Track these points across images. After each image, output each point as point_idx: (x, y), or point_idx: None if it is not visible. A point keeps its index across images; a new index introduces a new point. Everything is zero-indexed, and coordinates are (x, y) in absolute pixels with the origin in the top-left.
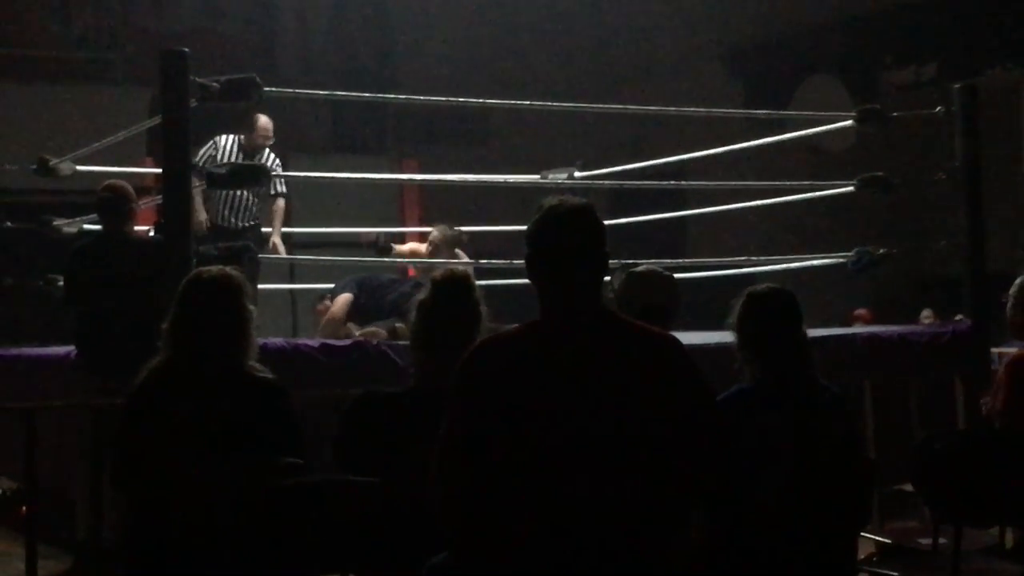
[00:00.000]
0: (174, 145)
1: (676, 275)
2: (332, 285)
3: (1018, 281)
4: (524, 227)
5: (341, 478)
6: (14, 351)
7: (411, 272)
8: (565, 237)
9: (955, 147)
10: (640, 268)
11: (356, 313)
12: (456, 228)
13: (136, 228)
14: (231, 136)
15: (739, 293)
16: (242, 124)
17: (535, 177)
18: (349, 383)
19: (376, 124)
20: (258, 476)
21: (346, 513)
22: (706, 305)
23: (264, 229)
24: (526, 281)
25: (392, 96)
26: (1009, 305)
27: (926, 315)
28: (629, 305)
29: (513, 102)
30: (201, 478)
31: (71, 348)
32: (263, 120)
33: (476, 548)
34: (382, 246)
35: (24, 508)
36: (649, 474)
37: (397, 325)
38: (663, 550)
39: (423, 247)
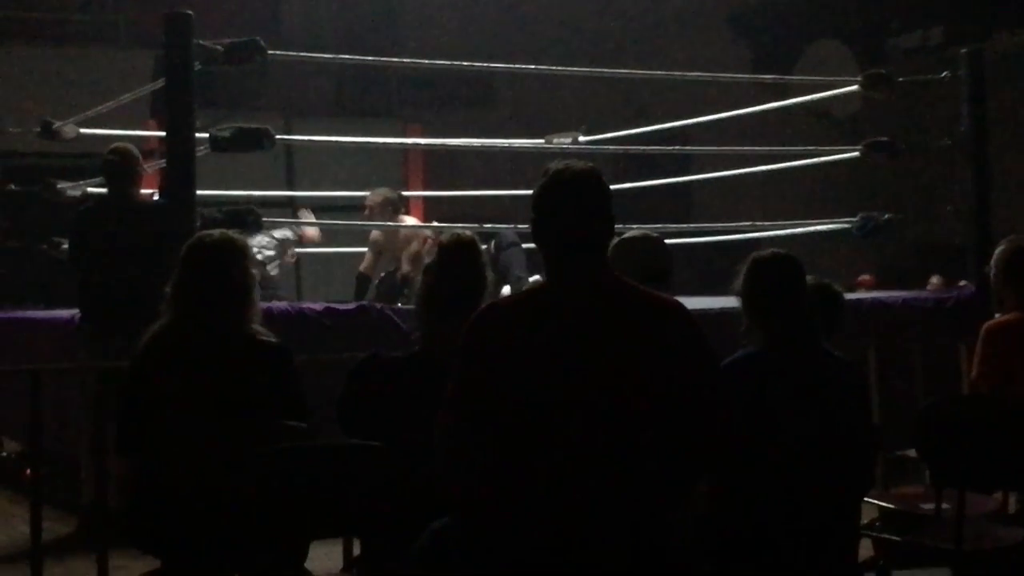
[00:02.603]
0: (178, 108)
1: (681, 240)
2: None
3: (998, 251)
4: (529, 191)
5: (345, 442)
6: (19, 313)
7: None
8: (571, 202)
9: (961, 112)
10: (632, 233)
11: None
12: (395, 191)
13: (141, 191)
14: None
15: (744, 258)
16: None
17: (540, 142)
18: (353, 347)
19: (380, 88)
20: (262, 439)
21: (349, 477)
22: (711, 270)
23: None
24: (531, 246)
25: (397, 60)
26: (992, 275)
27: (935, 281)
28: (623, 271)
29: (518, 66)
30: (204, 441)
31: (75, 311)
32: None
33: (479, 512)
34: None
35: (28, 470)
36: (654, 438)
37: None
38: (667, 514)
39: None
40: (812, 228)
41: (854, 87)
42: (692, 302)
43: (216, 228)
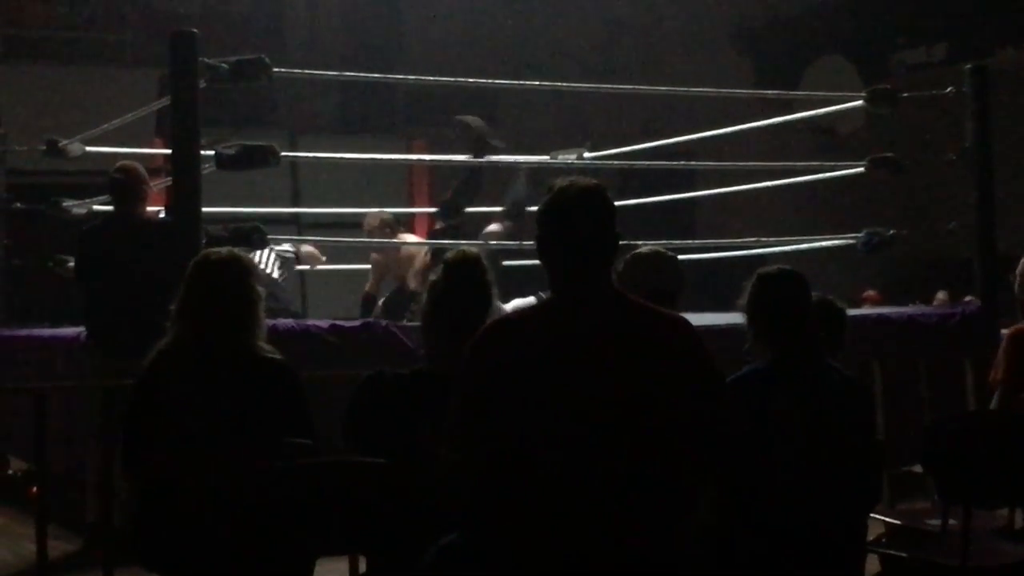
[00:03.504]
0: (183, 126)
1: (685, 256)
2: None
3: (1023, 261)
4: (534, 208)
5: (350, 459)
6: (25, 332)
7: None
8: (575, 218)
9: (966, 128)
10: (643, 250)
11: None
12: (390, 214)
13: (147, 209)
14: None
15: (749, 274)
16: None
17: (544, 158)
18: (359, 364)
19: (385, 104)
20: (267, 456)
21: (355, 494)
22: (716, 286)
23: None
24: (536, 262)
25: (401, 76)
26: (1016, 285)
27: (941, 297)
28: (633, 288)
29: (522, 82)
30: (210, 458)
31: (81, 329)
32: None
33: (486, 528)
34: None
35: (34, 489)
36: (659, 454)
37: None
38: (673, 529)
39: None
40: (817, 244)
41: (858, 103)
42: (697, 318)
43: (222, 245)
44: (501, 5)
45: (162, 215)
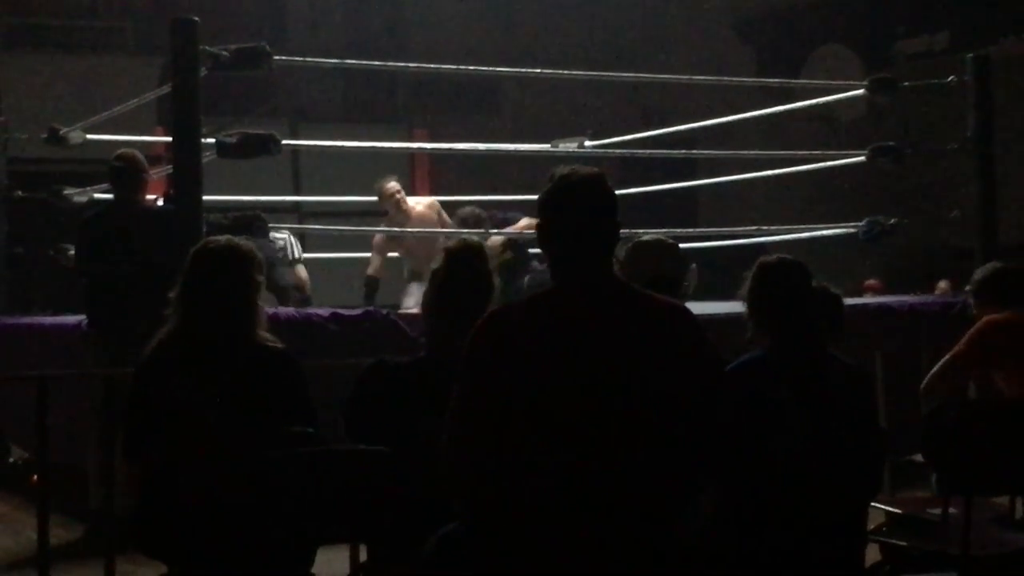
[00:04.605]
0: (184, 114)
1: (686, 245)
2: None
3: (975, 276)
4: (535, 196)
5: (351, 447)
6: (26, 320)
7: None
8: (577, 206)
9: (967, 117)
10: (646, 238)
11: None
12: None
13: (147, 197)
14: None
15: (750, 263)
16: None
17: (546, 146)
18: (360, 352)
19: (387, 93)
20: (268, 445)
21: (356, 483)
22: (716, 275)
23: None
24: (537, 250)
25: (403, 64)
26: (972, 302)
27: (942, 286)
28: (636, 275)
29: (524, 71)
30: (211, 447)
31: (82, 317)
32: None
33: (486, 517)
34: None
35: (36, 477)
36: (660, 443)
37: None
38: (674, 519)
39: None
40: (818, 232)
41: (860, 91)
42: (698, 306)
43: (223, 234)
44: None
45: (160, 202)
